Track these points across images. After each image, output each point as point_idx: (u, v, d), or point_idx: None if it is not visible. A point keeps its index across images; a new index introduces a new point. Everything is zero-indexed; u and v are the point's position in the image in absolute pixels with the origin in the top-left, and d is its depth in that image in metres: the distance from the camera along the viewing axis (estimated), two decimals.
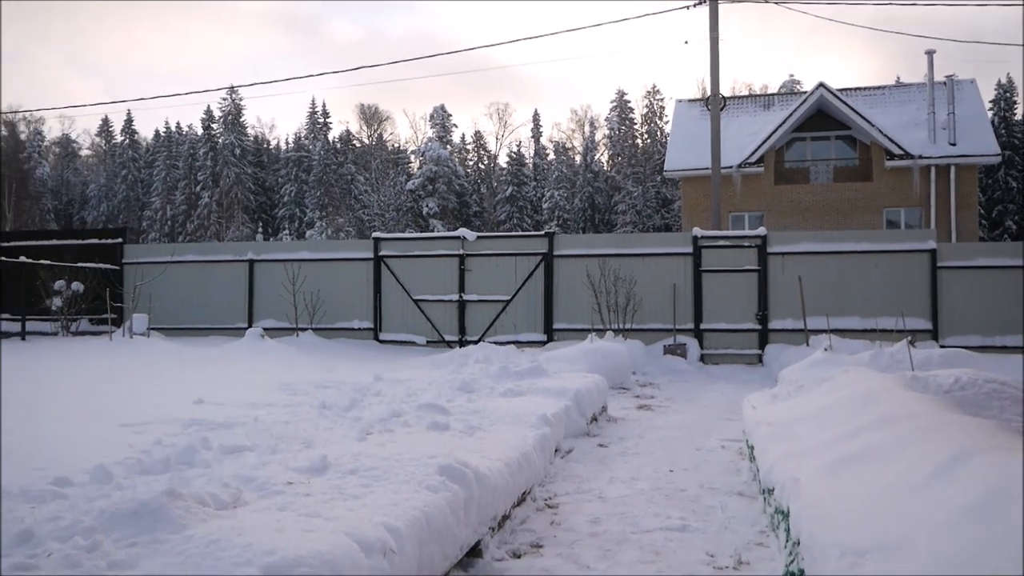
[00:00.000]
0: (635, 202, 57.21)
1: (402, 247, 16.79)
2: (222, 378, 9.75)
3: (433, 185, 61.06)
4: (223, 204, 64.23)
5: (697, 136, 27.59)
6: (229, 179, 64.70)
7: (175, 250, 17.95)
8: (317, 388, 8.95)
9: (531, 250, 16.09)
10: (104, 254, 18.02)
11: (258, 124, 78.35)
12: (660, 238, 15.79)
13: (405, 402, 7.40)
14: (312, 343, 15.20)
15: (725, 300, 15.06)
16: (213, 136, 68.49)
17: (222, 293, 17.43)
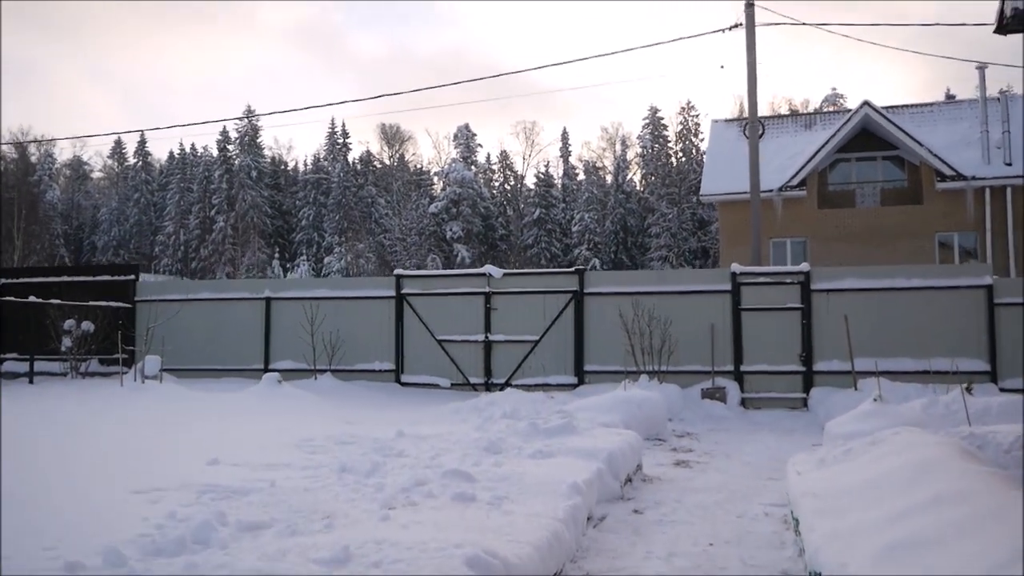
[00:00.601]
0: (669, 224, 57.13)
1: (425, 285, 16.89)
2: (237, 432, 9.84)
3: (457, 208, 61.40)
4: (238, 229, 65.00)
5: (734, 158, 27.55)
6: (245, 203, 65.53)
7: (189, 288, 18.19)
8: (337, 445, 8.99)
9: (560, 288, 16.12)
10: (116, 291, 18.31)
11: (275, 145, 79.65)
12: (696, 275, 15.75)
13: (429, 466, 7.41)
14: (331, 387, 15.29)
15: (766, 340, 14.97)
16: (229, 158, 69.50)
17: (238, 333, 17.62)
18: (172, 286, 19.12)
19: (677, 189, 59.10)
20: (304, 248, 65.44)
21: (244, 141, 69.70)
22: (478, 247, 62.18)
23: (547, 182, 65.84)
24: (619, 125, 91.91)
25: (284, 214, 71.59)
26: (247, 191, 65.86)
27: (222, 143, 69.67)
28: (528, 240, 62.78)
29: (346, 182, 66.45)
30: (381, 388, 16.13)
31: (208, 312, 17.82)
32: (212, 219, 66.67)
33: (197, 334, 17.67)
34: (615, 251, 60.19)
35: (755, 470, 9.43)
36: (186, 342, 17.41)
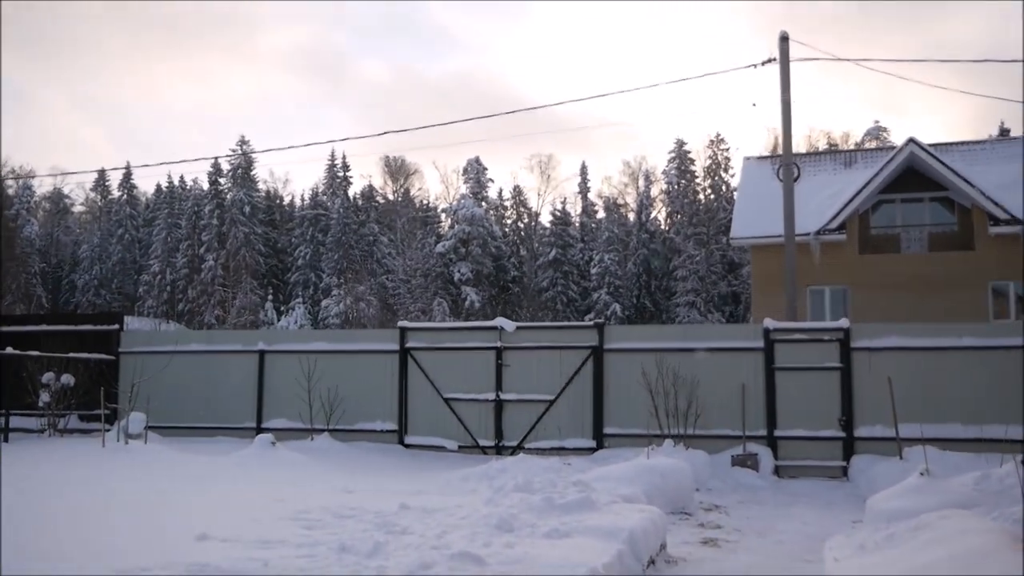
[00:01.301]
0: (697, 267, 57.26)
1: (431, 338, 17.01)
2: (228, 501, 9.91)
3: (466, 247, 61.72)
4: (229, 268, 65.46)
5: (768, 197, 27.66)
6: (237, 240, 66.07)
7: (178, 338, 18.38)
8: (336, 519, 9.04)
9: (578, 343, 16.20)
10: (99, 341, 18.51)
11: (270, 178, 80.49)
12: (726, 330, 15.81)
13: (436, 547, 7.46)
14: (329, 449, 15.36)
15: (803, 402, 14.98)
16: (220, 191, 70.27)
17: (229, 388, 17.74)
18: (159, 337, 19.31)
19: (705, 229, 59.32)
20: (300, 289, 65.83)
21: (237, 174, 70.50)
22: (488, 290, 62.41)
23: (564, 220, 66.21)
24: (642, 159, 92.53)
25: (279, 252, 72.11)
26: (239, 227, 66.48)
27: (213, 176, 70.49)
28: (543, 283, 62.99)
29: (346, 219, 67.03)
30: (383, 450, 16.18)
31: (197, 365, 17.96)
32: (201, 257, 67.22)
33: (185, 389, 17.80)
34: (638, 295, 60.30)
35: (790, 550, 9.43)
36: (173, 397, 17.53)
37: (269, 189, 78.63)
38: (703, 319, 55.18)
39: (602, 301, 58.71)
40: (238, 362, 17.83)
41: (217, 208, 68.49)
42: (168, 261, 69.22)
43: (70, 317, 19.86)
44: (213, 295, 64.91)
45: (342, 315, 53.28)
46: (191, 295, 66.16)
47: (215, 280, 65.44)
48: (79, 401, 17.20)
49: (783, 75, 18.37)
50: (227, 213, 67.83)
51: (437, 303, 56.46)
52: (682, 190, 64.59)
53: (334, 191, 72.78)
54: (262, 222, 71.26)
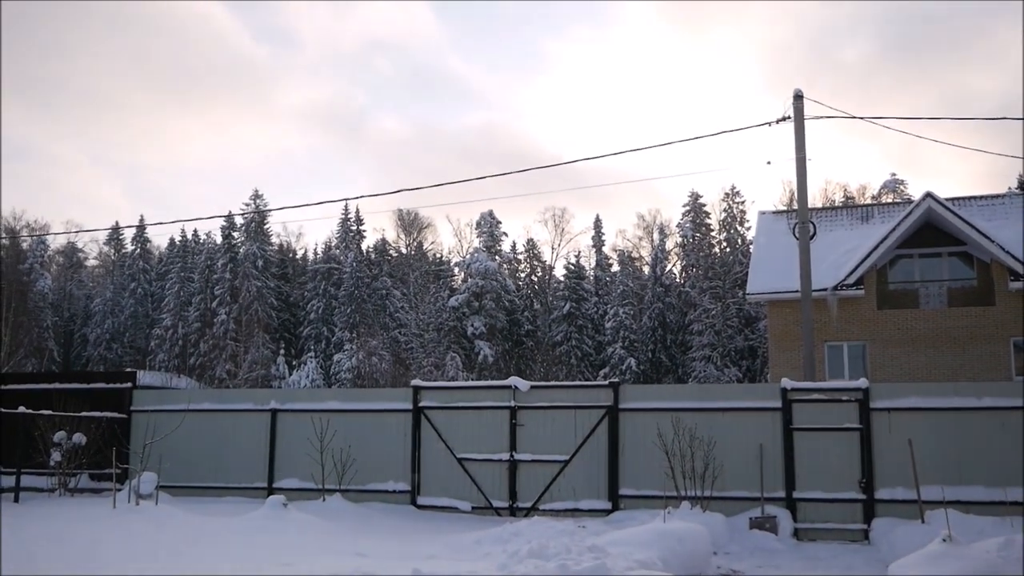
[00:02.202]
0: (713, 321, 57.19)
1: (445, 397, 17.04)
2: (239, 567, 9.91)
3: (479, 301, 61.92)
4: (241, 322, 65.76)
5: (784, 252, 27.75)
6: (249, 294, 66.47)
7: (190, 397, 18.46)
8: None
9: (593, 402, 16.20)
10: (111, 400, 18.61)
11: (283, 232, 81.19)
12: (743, 390, 15.75)
13: None
14: (341, 511, 15.32)
15: (822, 464, 14.89)
16: (233, 245, 70.87)
17: (241, 447, 17.78)
18: (171, 396, 19.42)
19: (721, 282, 59.36)
20: (312, 344, 66.00)
21: (250, 228, 71.19)
22: (502, 344, 62.42)
23: (578, 274, 66.41)
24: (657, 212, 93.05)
25: (291, 306, 72.46)
26: (252, 281, 66.92)
27: (227, 229, 71.14)
28: (557, 336, 62.98)
29: (359, 272, 67.42)
30: (396, 511, 16.13)
31: (209, 424, 18.03)
32: (214, 311, 67.58)
33: (197, 448, 17.83)
34: (653, 349, 60.19)
35: None
36: (185, 457, 17.56)
37: (282, 243, 79.38)
38: (719, 374, 54.96)
39: (617, 355, 58.60)
40: (250, 421, 17.89)
41: (230, 262, 69.03)
42: (180, 315, 69.63)
43: (82, 375, 20.00)
44: (225, 349, 65.13)
45: (354, 369, 53.33)
46: (203, 349, 66.39)
47: (227, 334, 65.72)
48: (90, 460, 17.25)
49: (797, 134, 18.54)
50: (240, 267, 68.35)
51: (450, 357, 56.47)
52: (697, 243, 64.79)
53: (347, 245, 73.31)
54: (275, 276, 71.78)
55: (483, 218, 69.66)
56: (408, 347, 61.40)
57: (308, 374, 55.91)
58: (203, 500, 16.83)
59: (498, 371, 56.11)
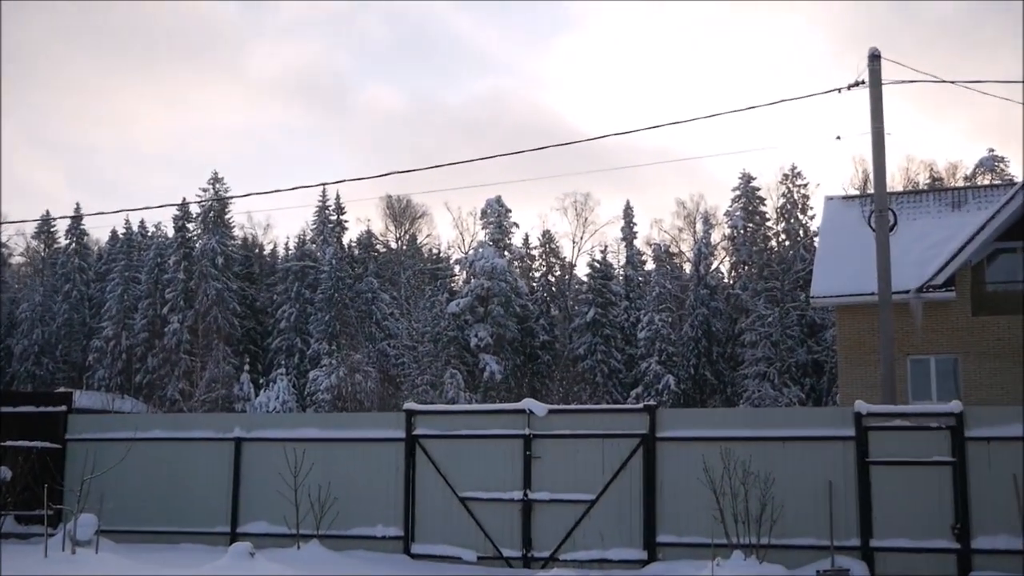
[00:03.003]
0: (769, 330, 57.10)
1: (444, 424, 16.99)
2: None
3: (485, 307, 61.95)
4: (198, 331, 65.96)
5: (856, 246, 27.56)
6: (208, 297, 66.66)
7: (138, 423, 18.45)
8: None
9: (624, 430, 16.13)
10: (42, 426, 18.61)
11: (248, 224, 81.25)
12: (807, 415, 15.69)
13: None
14: (320, 560, 15.31)
15: (905, 505, 14.79)
16: (188, 239, 71.03)
17: (198, 483, 17.78)
18: (114, 422, 19.46)
19: (779, 283, 59.25)
20: (283, 358, 66.12)
21: (208, 218, 71.30)
22: (512, 358, 62.44)
23: (605, 273, 66.38)
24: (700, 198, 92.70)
25: (258, 313, 72.60)
26: (210, 282, 67.11)
27: (180, 220, 71.23)
28: (579, 349, 62.96)
29: (340, 272, 67.54)
30: (385, 561, 16.10)
31: (160, 456, 18.00)
32: (164, 319, 67.78)
33: (145, 485, 17.82)
34: (696, 365, 60.11)
35: None
36: (131, 495, 17.55)
37: (247, 236, 79.54)
38: (777, 394, 54.83)
39: (652, 372, 58.52)
40: (209, 452, 17.86)
41: (184, 259, 69.22)
42: (124, 323, 69.86)
43: (6, 396, 20.05)
44: (178, 364, 65.30)
45: (334, 389, 53.39)
46: (151, 364, 66.60)
47: (180, 346, 65.88)
48: (16, 499, 17.24)
49: (873, 101, 18.44)
50: (196, 265, 68.53)
51: (450, 375, 56.49)
52: (750, 235, 64.66)
53: (325, 238, 73.43)
54: (238, 276, 71.93)
55: (489, 206, 69.67)
56: (399, 362, 61.46)
57: (278, 395, 56.00)
58: (153, 547, 16.81)
59: (508, 391, 56.05)
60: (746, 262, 63.96)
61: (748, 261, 63.62)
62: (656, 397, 55.41)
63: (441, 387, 55.08)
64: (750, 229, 65.14)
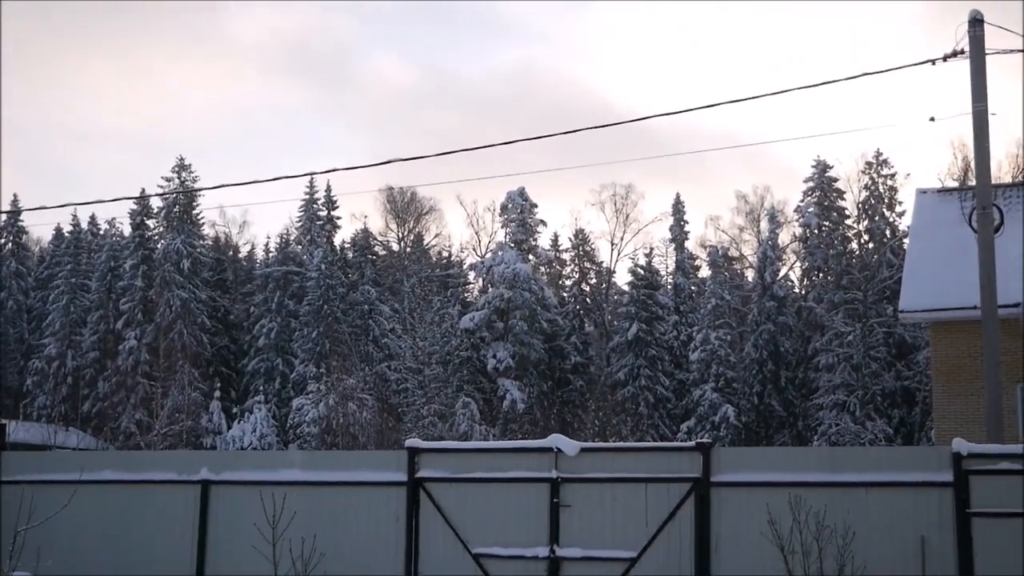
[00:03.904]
0: (849, 351, 56.87)
1: (454, 464, 16.96)
2: None
3: (505, 322, 61.93)
4: (159, 350, 66.10)
5: (953, 250, 27.47)
6: (171, 309, 66.84)
7: (84, 463, 18.47)
8: None
9: (673, 473, 16.07)
10: None
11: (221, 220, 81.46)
12: (894, 456, 15.60)
13: None
14: None
15: (1015, 567, 14.68)
16: (148, 239, 71.23)
17: (156, 535, 17.80)
18: (56, 460, 19.56)
19: (861, 294, 59.00)
20: (262, 383, 66.25)
21: (172, 213, 71.50)
22: (537, 384, 62.35)
23: (649, 281, 66.29)
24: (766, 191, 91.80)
25: (231, 328, 72.76)
26: (174, 291, 67.27)
27: (138, 216, 71.36)
28: (619, 374, 62.86)
29: (330, 279, 67.61)
30: None
31: (112, 502, 18.04)
32: (118, 335, 67.96)
33: (93, 536, 17.86)
34: (760, 393, 59.93)
35: None
36: (76, 548, 17.60)
37: (219, 235, 79.77)
38: (859, 429, 54.58)
39: (707, 402, 58.38)
40: (171, 498, 17.86)
41: (143, 263, 69.41)
42: (70, 340, 70.08)
43: None
44: (134, 390, 65.45)
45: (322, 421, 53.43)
46: (102, 390, 66.76)
47: (138, 369, 66.05)
48: None
49: (975, 74, 18.31)
50: (157, 270, 68.71)
51: (462, 404, 56.47)
52: (826, 236, 64.46)
53: (312, 238, 73.60)
54: (208, 283, 72.10)
55: (511, 200, 69.53)
56: (401, 388, 61.47)
57: (255, 428, 56.14)
58: None
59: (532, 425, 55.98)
60: (821, 268, 63.74)
61: (823, 267, 63.40)
62: (712, 432, 55.25)
63: (452, 419, 55.04)
64: (826, 228, 64.95)
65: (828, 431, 55.33)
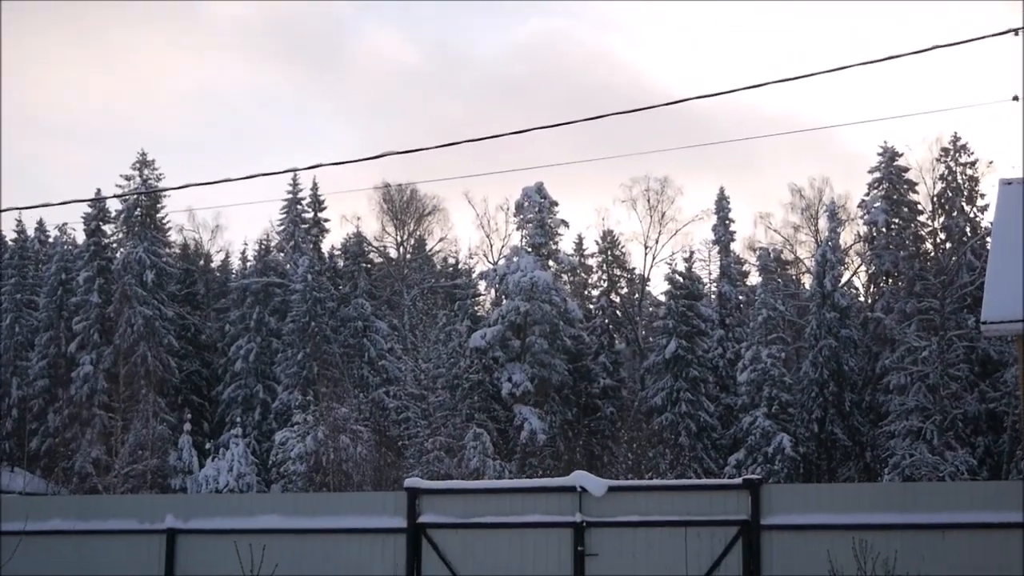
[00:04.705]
0: (924, 369, 56.63)
1: (461, 507, 17.01)
2: None
3: (522, 339, 61.90)
4: (119, 377, 66.14)
5: None
6: (133, 329, 66.88)
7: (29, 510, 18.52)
8: None
9: (717, 515, 16.11)
10: None
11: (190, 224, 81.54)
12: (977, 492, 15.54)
13: None
14: None
15: None
16: (105, 247, 71.27)
17: None
18: None
19: (937, 302, 58.80)
20: (239, 414, 66.17)
21: (133, 218, 71.53)
22: (560, 412, 62.23)
23: (689, 290, 66.15)
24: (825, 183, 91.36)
25: (203, 350, 72.78)
26: (136, 308, 67.28)
27: (92, 220, 71.39)
28: (655, 399, 62.73)
29: (318, 291, 67.60)
30: None
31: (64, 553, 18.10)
32: (72, 359, 67.95)
33: None
34: (820, 418, 59.71)
35: None
36: None
37: (188, 242, 79.71)
38: (937, 460, 54.37)
39: (759, 430, 58.17)
40: (131, 550, 17.94)
41: (99, 275, 69.40)
42: (14, 366, 70.13)
43: None
44: (91, 424, 65.39)
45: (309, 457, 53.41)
46: (53, 425, 66.71)
47: (94, 398, 66.02)
48: None
49: None
50: (116, 284, 68.71)
51: (473, 435, 56.35)
52: (895, 236, 64.22)
53: (297, 244, 73.58)
54: (175, 298, 72.14)
55: (527, 197, 69.46)
56: (402, 418, 61.35)
57: (232, 466, 56.12)
58: None
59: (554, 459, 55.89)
60: (890, 273, 63.56)
61: (893, 272, 63.20)
62: (765, 466, 55.07)
63: (461, 453, 54.92)
64: (895, 226, 64.70)
65: (901, 463, 55.09)
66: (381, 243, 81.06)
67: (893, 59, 20.89)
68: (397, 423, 61.09)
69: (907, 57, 21.33)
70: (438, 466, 51.88)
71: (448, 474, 48.68)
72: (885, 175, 65.34)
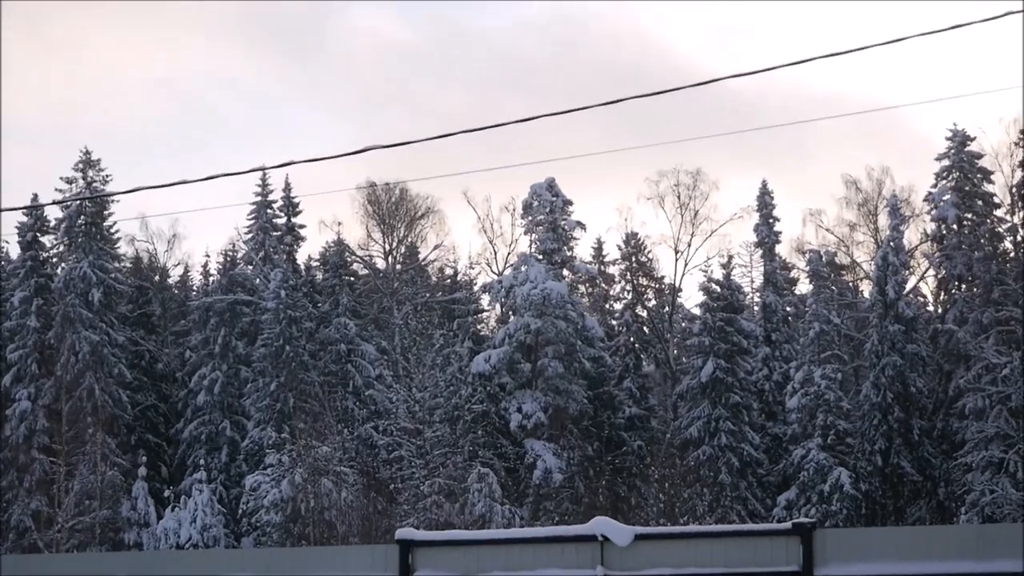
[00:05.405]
0: (1005, 389, 56.57)
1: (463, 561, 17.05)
2: None
3: (533, 362, 61.94)
4: (61, 415, 66.17)
5: None
6: (78, 358, 66.94)
7: None
8: None
9: (763, 566, 16.15)
10: None
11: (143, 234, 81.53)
12: None
13: None
14: None
15: None
16: (43, 262, 71.32)
17: None
18: None
19: (1019, 311, 58.72)
20: (203, 455, 66.23)
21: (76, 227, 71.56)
22: (579, 446, 62.23)
23: (729, 300, 66.15)
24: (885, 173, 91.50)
25: (160, 381, 72.81)
26: (82, 332, 67.34)
27: (28, 231, 71.50)
28: (690, 429, 62.70)
29: (293, 309, 67.63)
30: None
31: None
32: (6, 394, 68.04)
33: None
34: (884, 450, 59.68)
35: None
36: None
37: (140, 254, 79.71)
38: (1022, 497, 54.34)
39: (812, 464, 58.14)
40: None
41: (37, 295, 69.51)
42: None
43: None
44: (29, 471, 65.50)
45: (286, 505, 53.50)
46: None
47: (33, 440, 66.09)
48: None
49: None
50: (57, 305, 68.80)
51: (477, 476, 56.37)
52: (968, 234, 64.10)
53: (267, 255, 73.64)
54: (127, 320, 72.21)
55: (536, 196, 69.54)
56: (394, 456, 61.39)
57: (195, 516, 56.18)
58: None
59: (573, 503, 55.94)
60: (963, 278, 63.44)
61: (967, 276, 63.10)
62: (820, 506, 55.05)
63: (463, 498, 54.94)
64: (968, 223, 64.59)
65: (979, 500, 55.01)
66: (366, 252, 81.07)
67: (960, 27, 20.93)
68: (388, 463, 61.12)
69: (977, 25, 21.40)
70: (437, 513, 51.90)
71: (448, 522, 48.70)
72: (955, 163, 65.23)
